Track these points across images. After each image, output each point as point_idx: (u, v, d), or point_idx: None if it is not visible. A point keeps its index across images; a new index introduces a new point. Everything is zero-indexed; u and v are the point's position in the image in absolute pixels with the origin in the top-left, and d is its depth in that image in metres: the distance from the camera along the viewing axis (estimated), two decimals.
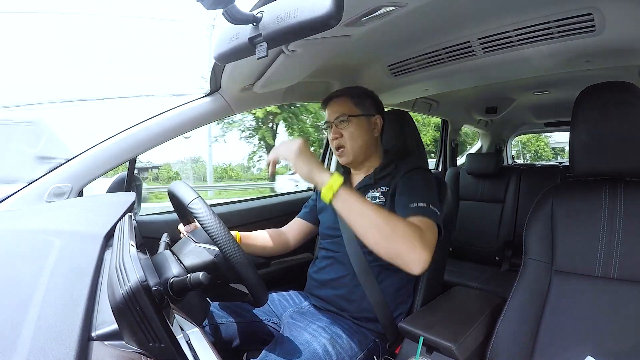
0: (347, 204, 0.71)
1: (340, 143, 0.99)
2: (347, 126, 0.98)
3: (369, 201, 0.75)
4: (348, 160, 1.01)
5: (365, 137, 0.99)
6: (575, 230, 0.81)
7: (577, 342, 0.75)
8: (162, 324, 0.42)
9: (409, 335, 0.87)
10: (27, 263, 0.50)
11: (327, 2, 0.47)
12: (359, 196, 0.72)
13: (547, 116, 2.82)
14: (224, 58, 0.66)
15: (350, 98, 1.00)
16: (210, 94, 1.11)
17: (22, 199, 0.90)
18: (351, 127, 0.98)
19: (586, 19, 0.87)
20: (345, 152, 0.99)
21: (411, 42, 1.11)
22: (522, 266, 0.87)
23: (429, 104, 2.04)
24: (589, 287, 0.78)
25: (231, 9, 0.50)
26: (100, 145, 0.99)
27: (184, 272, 0.64)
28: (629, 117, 0.76)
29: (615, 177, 0.81)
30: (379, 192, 0.97)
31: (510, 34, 0.98)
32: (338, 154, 1.02)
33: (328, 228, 1.04)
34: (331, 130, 1.00)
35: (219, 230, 0.63)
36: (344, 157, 1.01)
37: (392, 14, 0.74)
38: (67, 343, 0.35)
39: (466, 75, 1.29)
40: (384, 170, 0.99)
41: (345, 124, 0.98)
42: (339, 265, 0.97)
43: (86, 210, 0.70)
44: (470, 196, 2.30)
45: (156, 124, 1.04)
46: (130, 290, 0.41)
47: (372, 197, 0.97)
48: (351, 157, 0.99)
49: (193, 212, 0.65)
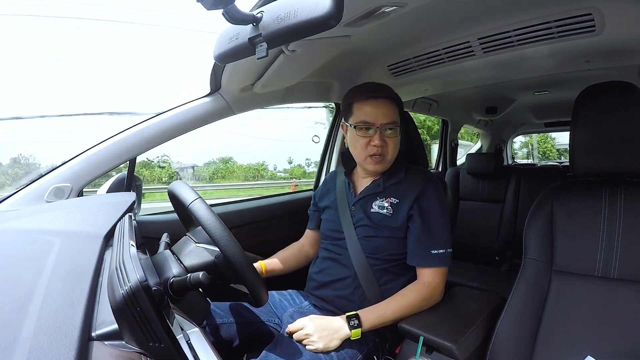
0: (374, 325, 0.85)
1: (383, 152, 0.91)
2: (394, 135, 0.92)
3: (381, 305, 0.88)
4: (382, 170, 0.95)
5: None
6: (575, 230, 0.81)
7: (577, 342, 0.75)
8: (162, 324, 0.42)
9: (409, 335, 0.87)
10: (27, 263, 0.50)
11: (327, 2, 0.47)
12: (377, 311, 0.87)
13: (547, 116, 2.83)
14: (224, 58, 0.66)
15: (397, 104, 0.94)
16: (210, 94, 1.11)
17: (22, 199, 0.90)
18: (397, 137, 0.93)
19: (586, 19, 0.87)
20: (384, 161, 0.93)
21: (411, 42, 1.11)
22: (522, 266, 0.87)
23: (429, 104, 2.04)
24: (589, 287, 0.78)
25: (231, 9, 0.50)
26: (100, 145, 0.99)
27: (184, 272, 0.64)
28: (629, 117, 0.76)
29: (615, 177, 0.81)
30: (387, 203, 0.94)
31: (510, 34, 0.98)
32: (374, 160, 0.92)
33: (330, 230, 1.03)
34: (375, 135, 0.90)
35: (220, 231, 0.63)
36: (380, 165, 0.93)
37: (392, 14, 0.74)
38: (67, 343, 0.35)
39: (466, 75, 1.30)
40: (394, 177, 0.97)
41: (394, 132, 0.92)
42: (341, 267, 0.97)
43: (86, 210, 0.70)
44: (470, 196, 2.30)
45: (156, 124, 1.04)
46: (130, 290, 0.41)
47: (380, 206, 0.95)
48: (387, 166, 0.95)
49: (194, 213, 0.65)
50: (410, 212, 0.91)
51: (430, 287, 0.89)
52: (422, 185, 0.92)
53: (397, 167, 0.99)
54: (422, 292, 0.89)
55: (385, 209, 0.94)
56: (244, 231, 1.35)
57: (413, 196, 0.91)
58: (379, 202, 0.96)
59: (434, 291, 0.90)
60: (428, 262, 0.89)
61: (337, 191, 1.06)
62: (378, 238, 0.94)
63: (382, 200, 0.95)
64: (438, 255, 0.89)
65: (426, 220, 0.90)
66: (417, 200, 0.91)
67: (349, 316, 0.83)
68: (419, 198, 0.91)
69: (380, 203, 0.95)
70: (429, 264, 0.90)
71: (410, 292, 0.89)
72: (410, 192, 0.92)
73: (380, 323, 0.86)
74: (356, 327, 0.82)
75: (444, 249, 0.90)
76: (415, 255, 0.91)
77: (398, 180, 0.97)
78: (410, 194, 0.92)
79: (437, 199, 0.92)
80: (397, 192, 0.95)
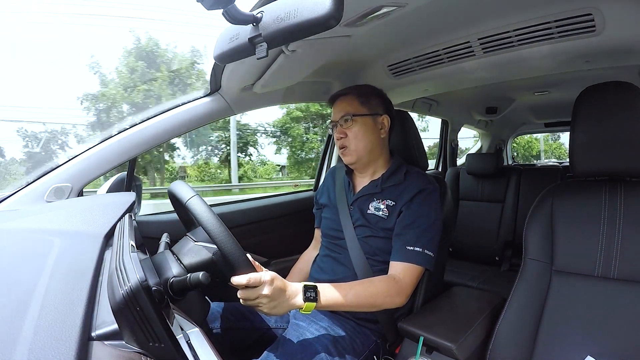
0: (330, 305, 0.77)
1: (344, 143, 0.97)
2: (352, 126, 0.96)
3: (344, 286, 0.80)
4: (351, 160, 0.99)
5: (370, 137, 0.97)
6: (575, 230, 0.81)
7: (576, 342, 0.75)
8: (162, 324, 0.42)
9: (409, 335, 0.87)
10: (27, 263, 0.50)
11: (327, 2, 0.47)
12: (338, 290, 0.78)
13: (547, 116, 2.83)
14: (224, 58, 0.66)
15: (357, 97, 0.99)
16: (210, 94, 1.11)
17: (22, 199, 0.90)
18: (355, 127, 0.96)
19: (586, 19, 0.87)
20: (348, 152, 0.97)
21: (411, 42, 1.11)
22: (522, 266, 0.87)
23: (429, 104, 2.04)
24: (589, 287, 0.78)
25: (231, 9, 0.50)
26: (100, 145, 0.99)
27: (184, 272, 0.64)
28: (629, 117, 0.76)
29: (615, 177, 0.81)
30: (383, 205, 0.95)
31: (510, 34, 0.98)
32: (341, 153, 0.99)
33: (330, 229, 1.03)
34: (336, 130, 0.99)
35: (215, 226, 0.62)
36: (347, 157, 0.99)
37: (392, 14, 0.74)
38: (67, 343, 0.34)
39: (466, 75, 1.29)
40: (392, 178, 0.98)
41: (350, 123, 0.96)
42: (341, 267, 0.97)
43: (86, 210, 0.70)
44: (470, 196, 2.30)
45: (156, 124, 1.04)
46: (130, 290, 0.41)
47: (376, 207, 0.95)
48: (355, 157, 0.97)
49: (191, 210, 0.65)
50: (401, 209, 0.92)
51: (399, 284, 0.84)
52: (419, 188, 0.93)
53: (397, 167, 0.99)
54: (391, 287, 0.83)
55: (381, 211, 0.94)
56: (245, 230, 1.36)
57: (408, 198, 0.92)
58: (376, 203, 0.96)
59: (401, 290, 0.84)
60: (401, 256, 0.87)
61: (337, 189, 1.06)
62: (376, 238, 0.94)
63: (379, 202, 0.96)
64: (414, 251, 0.86)
65: (411, 218, 0.90)
66: (410, 200, 0.92)
67: (306, 286, 0.75)
68: (412, 199, 0.92)
69: (376, 205, 0.96)
70: (401, 258, 0.87)
71: (379, 282, 0.84)
72: (407, 194, 0.93)
73: (337, 305, 0.77)
74: (312, 300, 0.73)
75: (423, 249, 0.87)
76: (393, 250, 0.90)
77: (397, 182, 0.97)
78: (406, 196, 0.92)
79: (430, 202, 0.92)
80: (394, 194, 0.95)
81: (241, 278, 0.65)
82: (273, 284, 0.68)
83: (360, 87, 1.02)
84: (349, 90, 1.01)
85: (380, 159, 1.01)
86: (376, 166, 1.01)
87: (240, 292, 0.68)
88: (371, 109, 0.98)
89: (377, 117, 0.99)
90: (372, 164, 1.01)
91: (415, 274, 0.87)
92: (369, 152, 0.98)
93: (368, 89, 1.02)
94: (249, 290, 0.67)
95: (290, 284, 0.73)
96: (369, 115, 0.97)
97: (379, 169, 1.01)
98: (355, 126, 0.96)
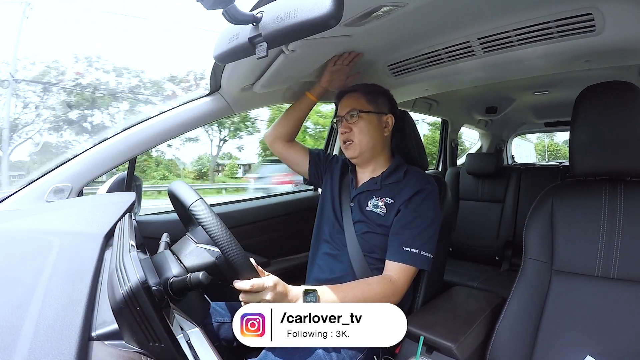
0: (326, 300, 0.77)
1: (349, 137, 0.99)
2: (357, 121, 0.99)
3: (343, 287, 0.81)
4: (354, 154, 1.00)
5: (373, 134, 0.99)
6: (575, 230, 0.81)
7: (576, 342, 0.75)
8: (162, 324, 0.42)
9: (409, 335, 0.87)
10: (27, 263, 0.50)
11: (327, 2, 0.47)
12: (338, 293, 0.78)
13: (547, 116, 2.82)
14: (224, 58, 0.66)
15: (364, 94, 1.01)
16: (210, 94, 1.11)
17: (22, 199, 0.90)
18: (361, 123, 0.98)
19: (586, 19, 0.87)
20: (352, 146, 1.00)
21: (411, 42, 1.11)
22: (522, 266, 0.87)
23: (429, 104, 2.04)
24: (589, 287, 0.78)
25: (231, 9, 0.50)
26: (101, 145, 0.99)
27: (184, 272, 0.64)
28: (629, 117, 0.76)
29: (615, 177, 0.81)
30: (382, 202, 0.96)
31: (510, 34, 0.98)
32: (345, 146, 1.02)
33: (330, 223, 1.04)
34: (342, 124, 1.01)
35: (221, 233, 0.62)
36: (350, 151, 1.01)
37: (392, 14, 0.74)
38: (67, 343, 0.35)
39: (466, 75, 1.29)
40: (392, 176, 0.99)
41: (356, 119, 0.99)
42: (339, 265, 0.97)
43: (86, 210, 0.70)
44: (470, 196, 2.30)
45: (156, 124, 1.04)
46: (130, 290, 0.41)
47: (375, 204, 0.96)
48: (357, 151, 0.99)
49: (194, 214, 0.65)
50: (399, 208, 0.92)
51: (395, 285, 0.85)
52: (418, 187, 0.93)
53: (397, 166, 1.00)
54: (387, 288, 0.84)
55: (379, 208, 0.95)
56: (244, 231, 1.35)
57: (407, 196, 0.92)
58: (374, 200, 0.97)
59: (396, 291, 0.85)
60: (397, 256, 0.87)
61: (339, 180, 1.08)
62: (373, 235, 0.94)
63: (378, 200, 0.97)
64: (410, 253, 0.87)
65: (409, 218, 0.90)
66: (409, 199, 0.92)
67: (306, 290, 0.76)
68: (411, 198, 0.92)
69: (375, 202, 0.97)
70: (397, 259, 0.87)
71: (376, 284, 0.85)
72: (405, 193, 0.93)
73: (335, 299, 0.78)
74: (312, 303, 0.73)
75: (419, 250, 0.87)
76: (389, 249, 0.90)
77: (396, 180, 0.97)
78: (405, 194, 0.93)
79: (428, 202, 0.92)
80: (393, 192, 0.96)
81: (244, 283, 0.65)
82: (275, 289, 0.69)
83: (368, 86, 1.05)
84: (357, 87, 1.04)
85: (381, 156, 1.02)
86: (377, 163, 1.02)
87: (242, 295, 0.68)
88: (377, 107, 1.00)
89: (382, 116, 1.01)
90: (373, 161, 1.02)
91: (410, 275, 0.88)
92: (371, 148, 1.00)
93: (375, 87, 1.06)
94: (251, 295, 0.68)
95: (292, 289, 0.75)
96: (375, 113, 1.00)
97: (379, 167, 1.02)
98: (361, 122, 0.99)
